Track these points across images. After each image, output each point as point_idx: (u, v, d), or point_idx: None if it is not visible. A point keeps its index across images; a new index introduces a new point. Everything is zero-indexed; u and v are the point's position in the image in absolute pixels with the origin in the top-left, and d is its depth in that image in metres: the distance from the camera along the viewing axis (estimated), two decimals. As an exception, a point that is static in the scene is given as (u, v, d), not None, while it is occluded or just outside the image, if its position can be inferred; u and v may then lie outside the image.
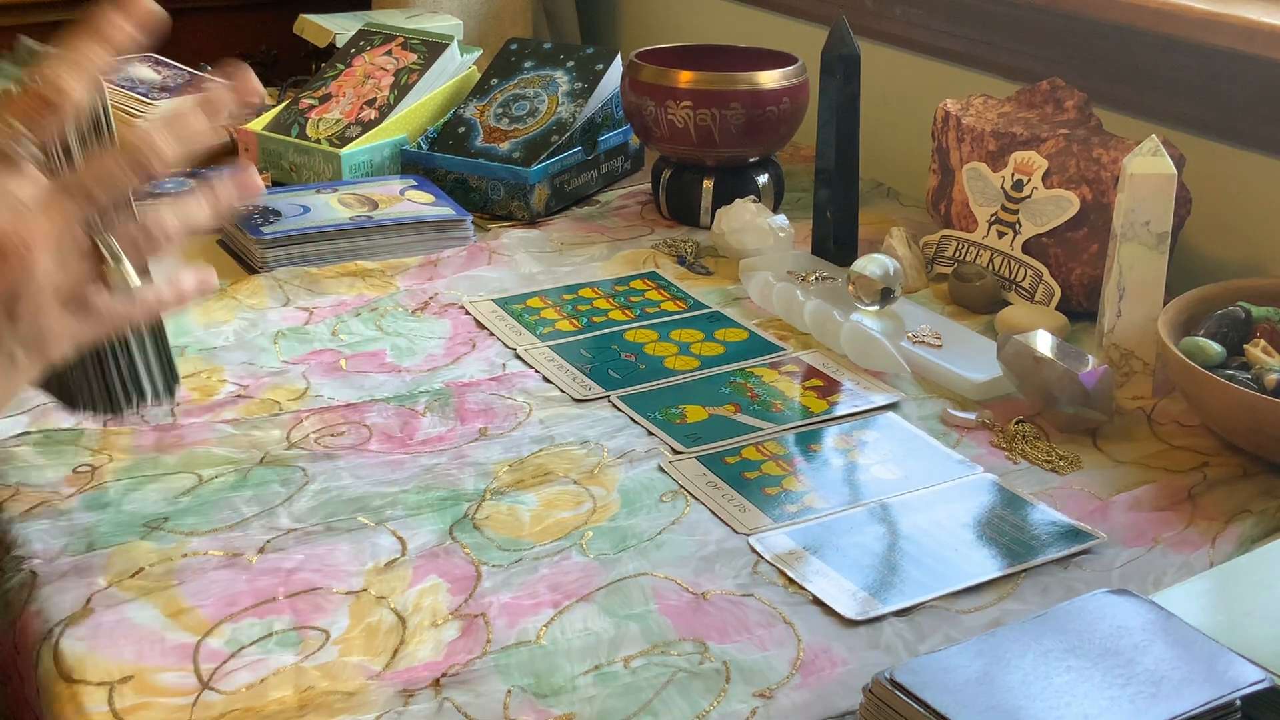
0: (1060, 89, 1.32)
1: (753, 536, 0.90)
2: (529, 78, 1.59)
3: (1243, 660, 0.69)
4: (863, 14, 1.68)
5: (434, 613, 0.82)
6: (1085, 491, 0.96)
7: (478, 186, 1.47)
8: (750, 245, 1.35)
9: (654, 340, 1.19)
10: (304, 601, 0.82)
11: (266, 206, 1.36)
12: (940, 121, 1.37)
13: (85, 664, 0.76)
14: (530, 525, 0.91)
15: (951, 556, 0.88)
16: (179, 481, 0.94)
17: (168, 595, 0.82)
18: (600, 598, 0.83)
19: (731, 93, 1.40)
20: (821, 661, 0.78)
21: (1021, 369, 1.05)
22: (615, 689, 0.75)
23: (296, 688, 0.75)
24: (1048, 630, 0.71)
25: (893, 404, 1.08)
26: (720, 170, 1.46)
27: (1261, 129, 1.27)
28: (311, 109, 1.56)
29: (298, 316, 1.21)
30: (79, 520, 0.89)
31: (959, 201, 1.33)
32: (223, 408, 1.04)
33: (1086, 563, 0.88)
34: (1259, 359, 1.00)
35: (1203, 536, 0.91)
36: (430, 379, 1.11)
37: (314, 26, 1.85)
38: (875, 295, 1.21)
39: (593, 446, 1.01)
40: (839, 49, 1.31)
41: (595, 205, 1.54)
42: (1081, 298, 1.23)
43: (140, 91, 1.59)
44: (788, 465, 0.99)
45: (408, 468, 0.97)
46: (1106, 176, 1.20)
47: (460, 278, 1.31)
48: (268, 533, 0.89)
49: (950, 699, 0.65)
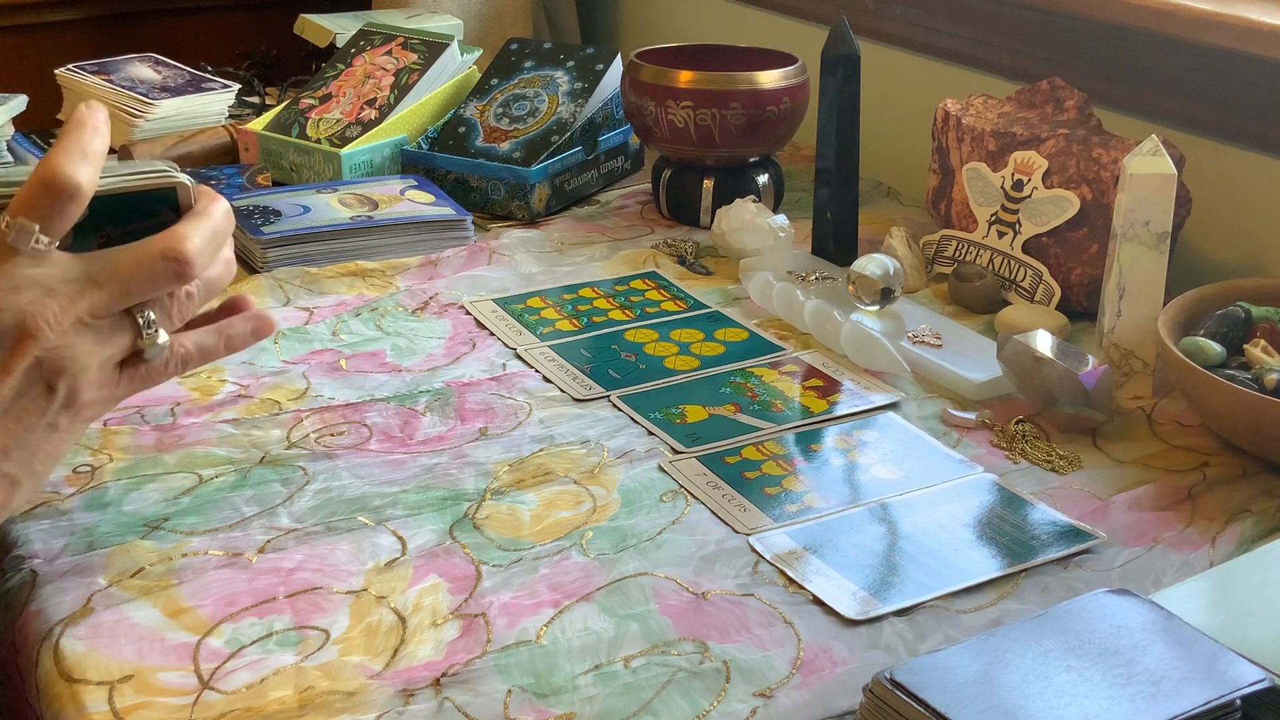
0: (1060, 89, 1.32)
1: (753, 536, 0.90)
2: (529, 78, 1.59)
3: (1243, 660, 0.69)
4: (863, 14, 1.68)
5: (434, 612, 0.82)
6: (1085, 491, 0.96)
7: (478, 186, 1.47)
8: (750, 245, 1.35)
9: (654, 340, 1.19)
10: (304, 601, 0.82)
11: (266, 206, 1.36)
12: (940, 121, 1.37)
13: (85, 664, 0.76)
14: (530, 525, 0.91)
15: (951, 556, 0.88)
16: (179, 481, 0.94)
17: (168, 595, 0.82)
18: (600, 597, 0.83)
19: (731, 93, 1.41)
20: (821, 661, 0.78)
21: (1021, 369, 1.05)
22: (615, 689, 0.75)
23: (297, 687, 0.75)
24: (1048, 630, 0.71)
25: (893, 404, 1.08)
26: (720, 170, 1.46)
27: (1261, 129, 1.27)
28: (312, 109, 1.56)
29: (298, 316, 1.21)
30: (79, 520, 0.89)
31: (959, 201, 1.33)
32: (223, 407, 1.05)
33: (1086, 563, 0.88)
34: (1259, 359, 1.00)
35: (1203, 536, 0.91)
36: (430, 379, 1.11)
37: (314, 26, 1.85)
38: (875, 295, 1.21)
39: (593, 446, 1.01)
40: (839, 49, 1.31)
41: (595, 205, 1.54)
42: (1081, 298, 1.23)
43: (140, 91, 1.59)
44: (788, 465, 0.99)
45: (408, 467, 0.97)
46: (1106, 176, 1.20)
47: (460, 278, 1.31)
48: (268, 532, 0.89)
49: (950, 699, 0.65)
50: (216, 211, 0.69)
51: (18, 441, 0.64)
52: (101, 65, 1.66)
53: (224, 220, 0.69)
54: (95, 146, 0.64)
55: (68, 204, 0.63)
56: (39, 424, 0.64)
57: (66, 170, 0.62)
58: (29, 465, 0.65)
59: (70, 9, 2.18)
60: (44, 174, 0.62)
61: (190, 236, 0.66)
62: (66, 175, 0.62)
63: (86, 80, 1.62)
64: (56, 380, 0.63)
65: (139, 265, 0.65)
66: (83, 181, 0.63)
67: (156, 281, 0.66)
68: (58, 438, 0.66)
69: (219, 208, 0.69)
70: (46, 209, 0.62)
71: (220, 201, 0.70)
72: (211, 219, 0.68)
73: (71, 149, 0.63)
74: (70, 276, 0.64)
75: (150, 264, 0.65)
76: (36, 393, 0.63)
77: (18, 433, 0.63)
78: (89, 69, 1.65)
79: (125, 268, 0.65)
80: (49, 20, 2.16)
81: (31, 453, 0.65)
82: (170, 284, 0.66)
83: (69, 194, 0.62)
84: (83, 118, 0.65)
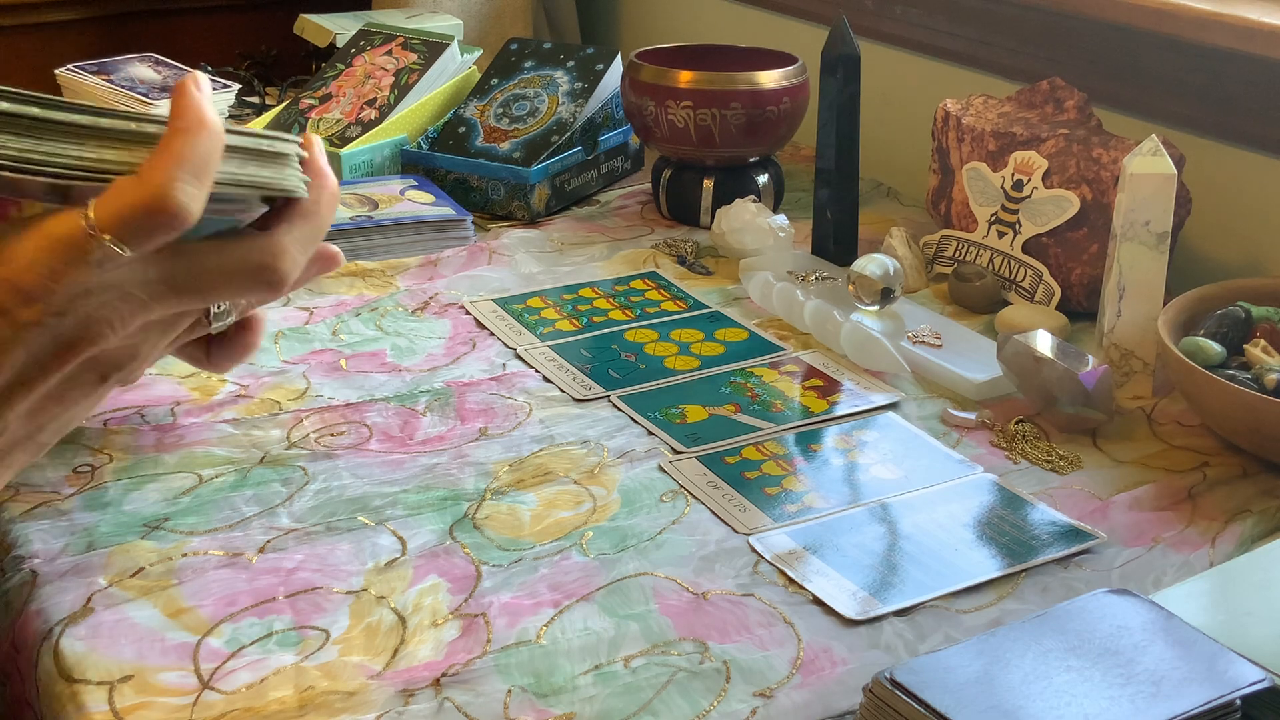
0: (1060, 89, 1.32)
1: (753, 536, 0.90)
2: (529, 78, 1.59)
3: (1243, 660, 0.69)
4: (863, 14, 1.68)
5: (434, 612, 0.82)
6: (1085, 491, 0.96)
7: (478, 186, 1.47)
8: (750, 245, 1.35)
9: (654, 340, 1.19)
10: (304, 601, 0.82)
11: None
12: (940, 121, 1.37)
13: (85, 664, 0.76)
14: (530, 525, 0.91)
15: (951, 556, 0.88)
16: (179, 481, 0.94)
17: (168, 595, 0.82)
18: (600, 597, 0.83)
19: (731, 93, 1.41)
20: (821, 661, 0.78)
21: (1021, 369, 1.05)
22: (615, 689, 0.75)
23: (297, 687, 0.75)
24: (1048, 630, 0.71)
25: (893, 404, 1.08)
26: (720, 170, 1.46)
27: (1261, 129, 1.27)
28: (312, 109, 1.56)
29: (298, 316, 1.21)
30: (79, 520, 0.89)
31: (959, 201, 1.33)
32: (223, 407, 1.05)
33: (1086, 562, 0.88)
34: (1259, 359, 1.00)
35: (1203, 536, 0.91)
36: (430, 379, 1.11)
37: (314, 26, 1.85)
38: (875, 295, 1.21)
39: (593, 446, 1.01)
40: (839, 49, 1.31)
41: (595, 205, 1.54)
42: (1081, 298, 1.23)
43: (140, 92, 1.59)
44: (788, 465, 0.99)
45: (408, 467, 0.97)
46: (1106, 176, 1.20)
47: (460, 277, 1.31)
48: (268, 532, 0.89)
49: (950, 699, 0.65)
50: (323, 210, 0.59)
51: (57, 418, 0.59)
52: (101, 65, 1.66)
53: (328, 215, 0.59)
54: (213, 157, 0.53)
55: (169, 232, 0.52)
56: (84, 400, 0.59)
57: (178, 197, 0.51)
58: (61, 431, 0.60)
59: (70, 9, 2.18)
60: (150, 195, 0.51)
61: (291, 249, 0.57)
62: (177, 204, 0.51)
63: (86, 80, 1.62)
64: (111, 372, 0.57)
65: (229, 276, 0.56)
66: (194, 211, 0.52)
67: (245, 294, 0.57)
68: (95, 403, 0.61)
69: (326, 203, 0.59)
70: (143, 234, 0.52)
71: (329, 191, 0.59)
72: (316, 222, 0.58)
73: (186, 162, 0.52)
74: (149, 280, 0.54)
75: (243, 277, 0.56)
76: (87, 380, 0.56)
77: (59, 412, 0.57)
78: (89, 69, 1.65)
79: (213, 278, 0.55)
80: (49, 20, 2.16)
81: (66, 422, 0.60)
82: (260, 297, 0.58)
83: (174, 224, 0.52)
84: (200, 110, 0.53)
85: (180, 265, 0.55)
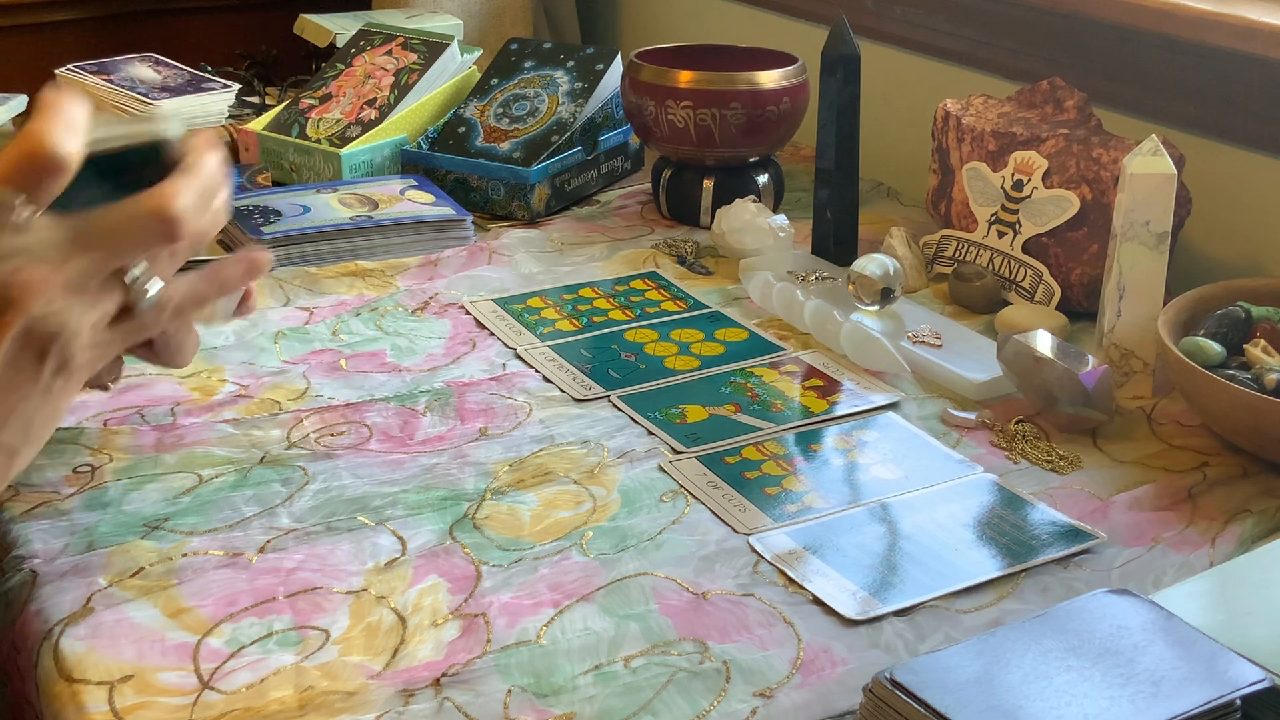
0: (1060, 89, 1.32)
1: (753, 536, 0.90)
2: (529, 78, 1.59)
3: (1243, 660, 0.69)
4: (863, 14, 1.68)
5: (434, 612, 0.82)
6: (1085, 491, 0.96)
7: (478, 186, 1.47)
8: (750, 245, 1.35)
9: (654, 340, 1.19)
10: (304, 601, 0.82)
11: (266, 206, 1.36)
12: (940, 121, 1.37)
13: (85, 663, 0.76)
14: (530, 525, 0.91)
15: (951, 556, 0.88)
16: (179, 481, 0.94)
17: (168, 595, 0.82)
18: (600, 597, 0.83)
19: (731, 93, 1.41)
20: (821, 661, 0.78)
21: (1021, 369, 1.05)
22: (615, 689, 0.75)
23: (297, 687, 0.75)
24: (1048, 630, 0.71)
25: (893, 404, 1.08)
26: (720, 170, 1.46)
27: (1261, 129, 1.27)
28: (312, 109, 1.56)
29: (298, 316, 1.21)
30: (79, 520, 0.89)
31: (959, 201, 1.33)
32: (223, 407, 1.05)
33: (1086, 562, 0.88)
34: (1259, 359, 1.00)
35: (1203, 536, 0.91)
36: (430, 379, 1.11)
37: (314, 26, 1.85)
38: (875, 295, 1.21)
39: (593, 446, 1.01)
40: (839, 49, 1.31)
41: (595, 205, 1.54)
42: (1081, 298, 1.23)
43: (140, 91, 1.59)
44: (788, 465, 0.99)
45: (408, 467, 0.97)
46: (1106, 176, 1.20)
47: (460, 277, 1.31)
48: (268, 532, 0.89)
49: (950, 699, 0.65)
50: (207, 165, 0.66)
51: (13, 410, 0.62)
52: (101, 65, 1.66)
53: (215, 173, 0.66)
54: (80, 114, 0.61)
55: (54, 176, 0.59)
56: (33, 392, 0.62)
57: (52, 140, 0.59)
58: (25, 433, 0.63)
59: (70, 9, 2.18)
60: (28, 144, 0.59)
61: (179, 194, 0.63)
62: (53, 146, 0.59)
63: (86, 80, 1.62)
64: (48, 346, 0.61)
65: (126, 226, 0.62)
66: (71, 152, 0.59)
67: (145, 242, 0.63)
68: (52, 402, 0.64)
69: (210, 161, 0.66)
70: (31, 182, 0.59)
71: (212, 152, 0.67)
72: (201, 173, 0.65)
73: (56, 117, 0.60)
74: (55, 241, 0.61)
75: (138, 224, 0.62)
76: (27, 361, 0.61)
77: (13, 403, 0.61)
78: (89, 69, 1.65)
79: (112, 229, 0.62)
80: (49, 20, 2.16)
81: (27, 420, 0.63)
82: (159, 243, 0.63)
83: (56, 166, 0.59)
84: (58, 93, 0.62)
85: (83, 223, 0.62)
